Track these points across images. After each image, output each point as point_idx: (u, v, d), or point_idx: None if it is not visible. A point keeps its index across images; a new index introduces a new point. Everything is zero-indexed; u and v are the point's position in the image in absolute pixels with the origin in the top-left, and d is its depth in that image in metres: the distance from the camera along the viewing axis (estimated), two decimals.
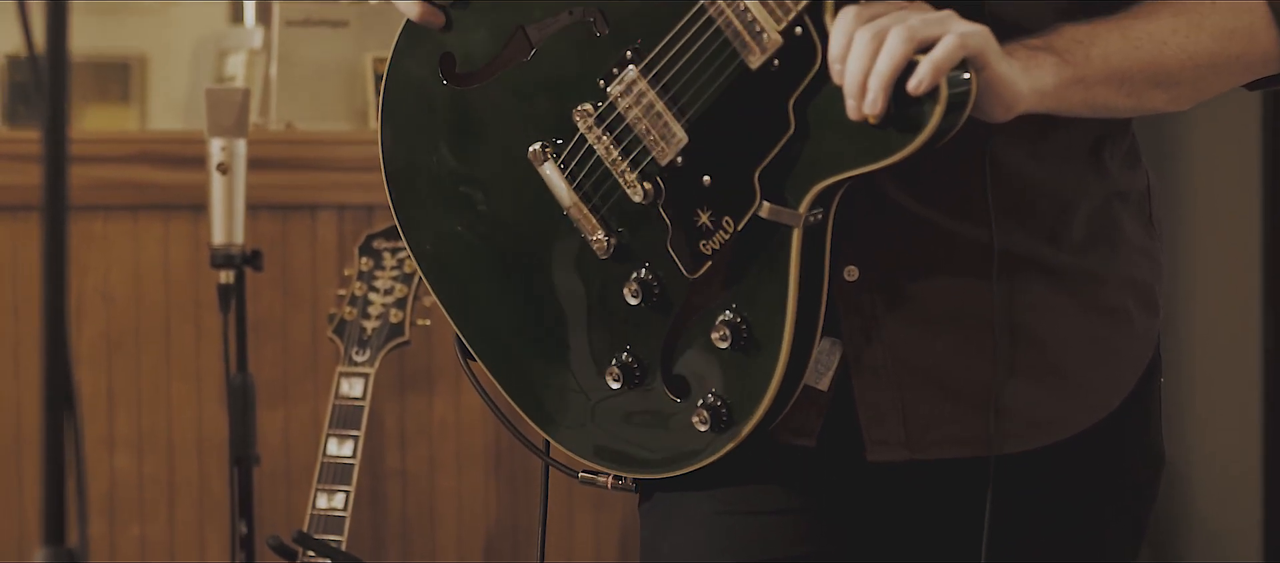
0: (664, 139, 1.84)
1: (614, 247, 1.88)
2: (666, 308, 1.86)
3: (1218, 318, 4.63)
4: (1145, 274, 1.97)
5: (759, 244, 1.79)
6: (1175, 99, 1.86)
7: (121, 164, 3.76)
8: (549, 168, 1.91)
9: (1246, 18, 1.84)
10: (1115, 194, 1.95)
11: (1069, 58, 1.77)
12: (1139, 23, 1.81)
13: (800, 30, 1.74)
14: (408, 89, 2.00)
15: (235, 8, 6.03)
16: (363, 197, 3.83)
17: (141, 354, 3.77)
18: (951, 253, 1.88)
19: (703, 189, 1.82)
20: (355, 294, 3.34)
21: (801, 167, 1.76)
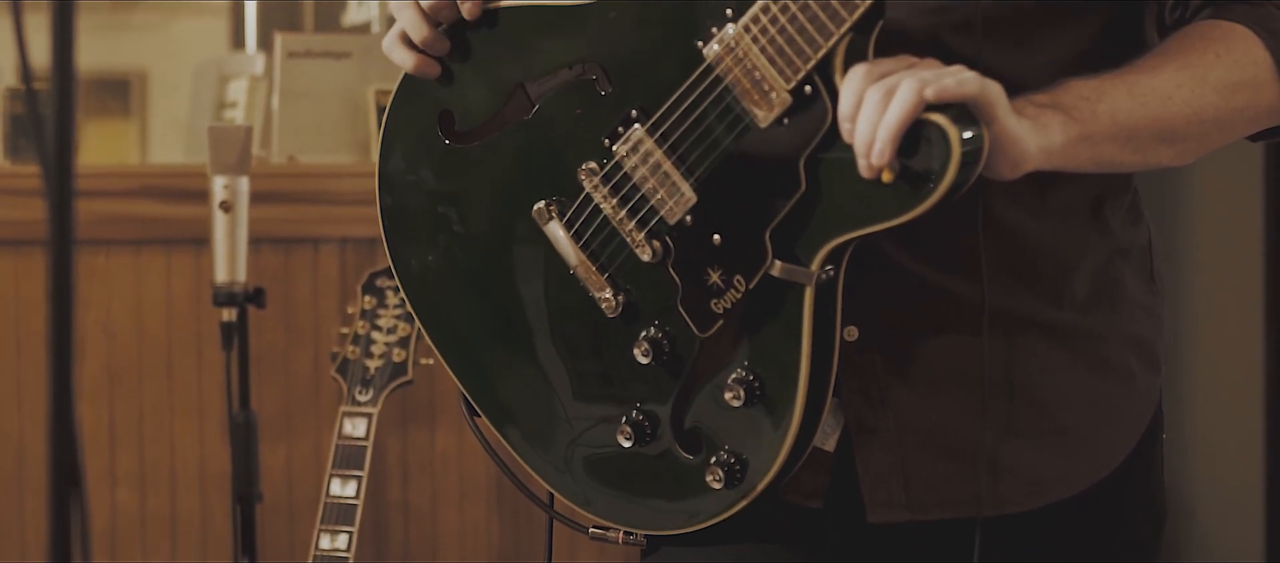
0: (672, 198, 1.83)
1: (623, 305, 1.87)
2: (678, 366, 1.85)
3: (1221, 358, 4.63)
4: (1147, 330, 1.97)
5: (771, 302, 1.79)
6: (1180, 154, 1.86)
7: (123, 198, 3.76)
8: (554, 226, 1.90)
9: (1251, 71, 1.83)
10: (1117, 251, 1.94)
11: (1076, 115, 1.76)
12: (1144, 78, 1.80)
13: (810, 89, 1.74)
14: (406, 145, 1.99)
15: (236, 32, 6.04)
16: (365, 230, 3.82)
17: (143, 388, 3.77)
18: (951, 312, 1.88)
19: (713, 248, 1.81)
20: (358, 333, 3.34)
21: (813, 225, 1.76)
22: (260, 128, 4.07)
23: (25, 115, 4.08)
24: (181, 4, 6.67)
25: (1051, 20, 1.86)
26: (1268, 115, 1.87)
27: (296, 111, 3.95)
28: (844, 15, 1.69)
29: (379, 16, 4.42)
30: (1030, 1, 1.84)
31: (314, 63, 3.96)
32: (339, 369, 3.32)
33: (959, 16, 1.83)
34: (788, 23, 1.73)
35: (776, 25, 1.73)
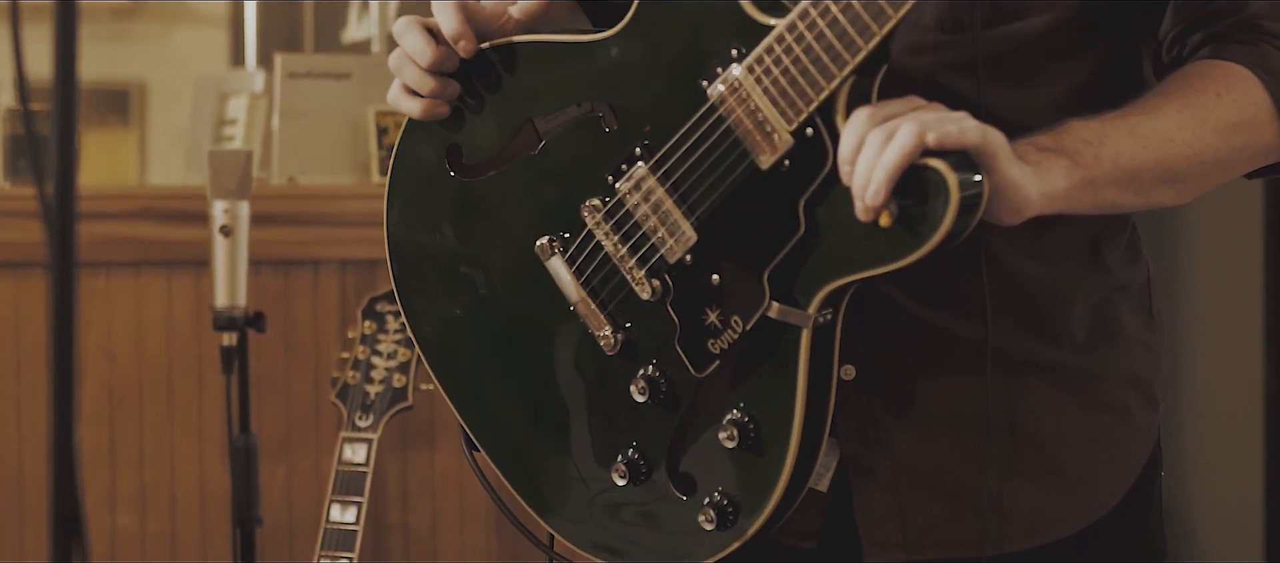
0: (673, 237, 1.83)
1: (621, 343, 1.87)
2: (674, 406, 1.85)
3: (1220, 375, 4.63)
4: (1145, 368, 1.97)
5: (768, 344, 1.79)
6: (1181, 194, 1.86)
7: (123, 220, 3.76)
8: (556, 262, 1.90)
9: (1250, 111, 1.83)
10: (1116, 289, 1.94)
11: (1079, 159, 1.76)
12: (1146, 120, 1.80)
13: (811, 131, 1.74)
14: (414, 177, 1.99)
15: (236, 44, 6.04)
16: (365, 251, 3.82)
17: (144, 410, 3.77)
18: (949, 353, 1.88)
19: (711, 288, 1.81)
20: (358, 358, 3.34)
21: (811, 267, 1.75)
22: (260, 148, 4.07)
23: (24, 136, 4.08)
24: (181, 15, 6.67)
25: (1050, 59, 1.86)
26: (1266, 154, 1.87)
27: (296, 132, 3.95)
28: (846, 58, 1.69)
29: (379, 36, 4.42)
30: (1029, 40, 1.85)
31: (314, 83, 3.96)
32: (339, 394, 3.32)
33: (957, 56, 1.83)
34: (791, 64, 1.73)
35: (780, 66, 1.73)
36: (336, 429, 3.38)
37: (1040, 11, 1.84)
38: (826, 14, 1.70)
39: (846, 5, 1.69)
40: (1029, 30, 1.84)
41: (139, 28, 6.70)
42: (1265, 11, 1.85)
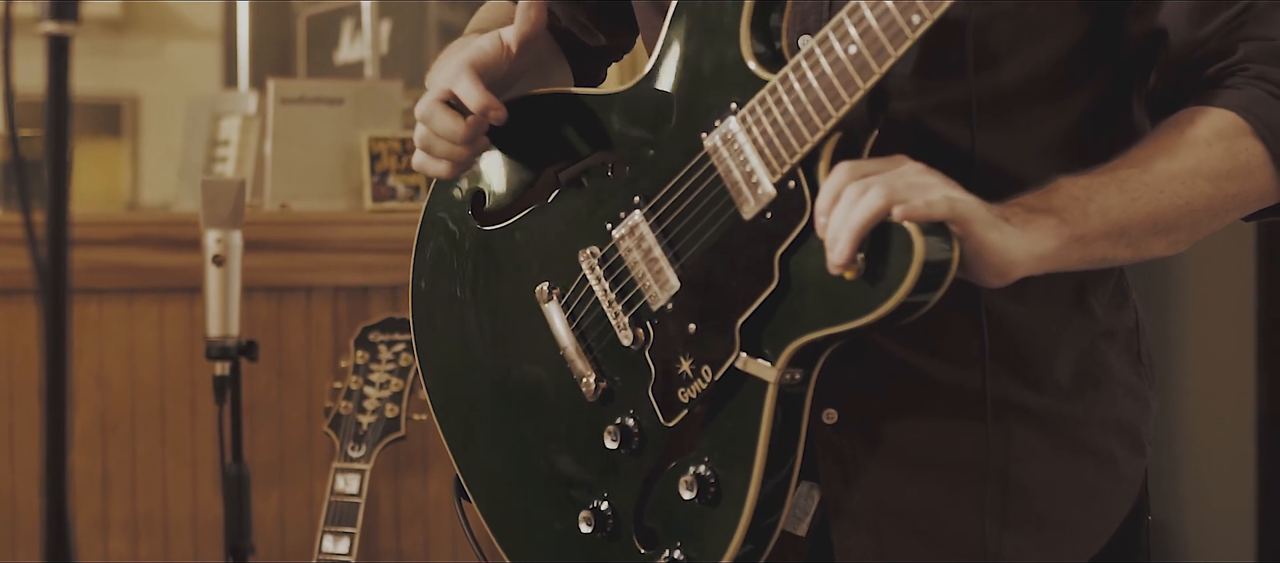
0: (658, 284, 1.84)
1: (602, 391, 1.88)
2: (644, 455, 1.86)
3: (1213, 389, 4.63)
4: (1131, 414, 1.96)
5: (734, 396, 1.79)
6: (1174, 243, 1.85)
7: (116, 247, 3.75)
8: (552, 307, 1.92)
9: (1243, 158, 1.82)
10: (1101, 334, 1.94)
11: (1068, 217, 1.75)
12: (1135, 173, 1.80)
13: (794, 184, 1.75)
14: (439, 225, 2.03)
15: (228, 59, 6.04)
16: (358, 277, 3.82)
17: (137, 437, 3.76)
18: (932, 397, 1.88)
19: (688, 336, 1.82)
20: (351, 388, 3.33)
21: (781, 321, 1.76)
22: (252, 172, 4.07)
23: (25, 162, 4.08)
24: (173, 29, 6.67)
25: (1039, 103, 1.86)
26: (1259, 199, 1.86)
27: (289, 157, 3.95)
28: (830, 110, 1.70)
29: (372, 59, 4.42)
30: (1015, 83, 1.85)
31: (307, 109, 3.96)
32: (331, 424, 3.32)
33: (939, 99, 1.83)
34: (780, 116, 1.74)
35: (769, 118, 1.75)
36: (329, 456, 3.38)
37: (1025, 54, 1.84)
38: (816, 67, 1.71)
39: (835, 59, 1.70)
40: (1014, 74, 1.84)
41: (131, 42, 6.71)
42: (1255, 54, 1.85)
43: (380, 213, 3.94)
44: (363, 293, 3.82)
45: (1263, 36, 1.84)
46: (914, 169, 1.70)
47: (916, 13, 1.66)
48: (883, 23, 1.68)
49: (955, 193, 1.69)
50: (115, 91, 6.76)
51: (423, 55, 4.76)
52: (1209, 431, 4.64)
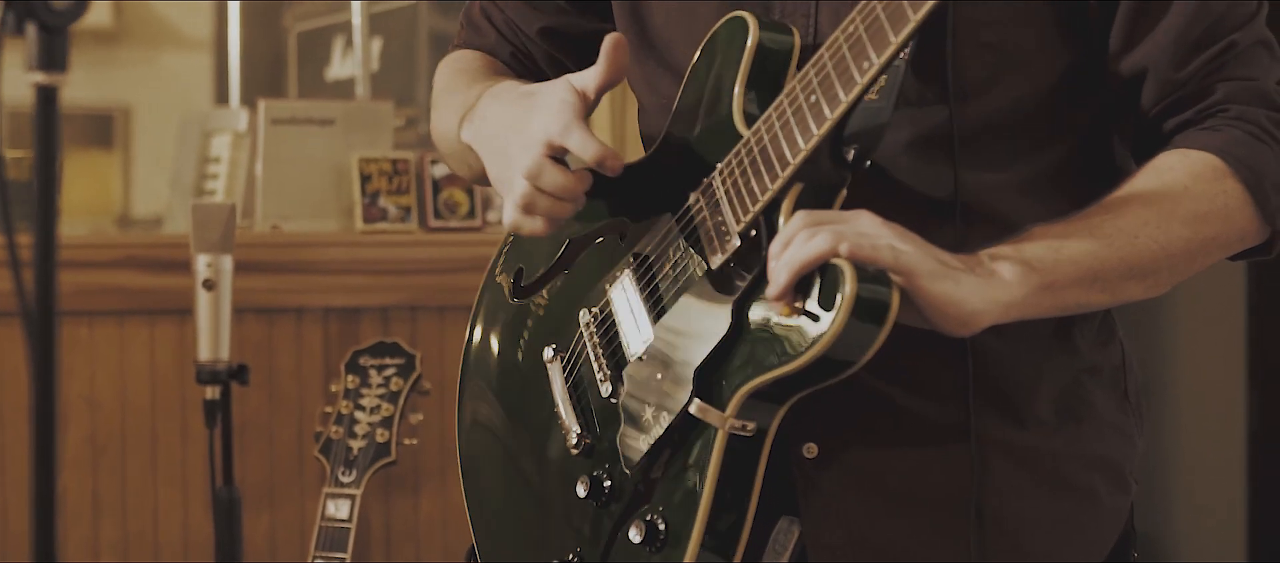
0: (637, 335, 1.86)
1: (585, 445, 1.90)
2: (612, 505, 1.87)
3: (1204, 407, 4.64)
4: (1115, 451, 1.95)
5: (688, 442, 1.80)
6: (1152, 287, 1.85)
7: (107, 269, 3.76)
8: (554, 368, 1.95)
9: (1220, 200, 1.82)
10: (1085, 370, 1.93)
11: (1037, 265, 1.75)
12: (1109, 219, 1.79)
13: (754, 232, 1.77)
14: (490, 297, 2.07)
15: (219, 79, 6.04)
16: (348, 299, 3.83)
17: (127, 459, 3.77)
18: (913, 432, 1.88)
19: (653, 384, 1.84)
20: (341, 412, 3.33)
21: (732, 367, 1.77)
22: (243, 193, 4.07)
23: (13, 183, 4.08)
24: (165, 39, 6.67)
25: (1022, 140, 1.86)
26: (1240, 240, 1.85)
27: (280, 178, 3.95)
28: (789, 157, 1.73)
29: (362, 77, 4.42)
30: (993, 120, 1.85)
31: (298, 129, 3.96)
32: (322, 449, 3.31)
33: (927, 134, 1.84)
34: (749, 166, 1.77)
35: (741, 168, 1.78)
36: (320, 477, 3.38)
37: (1006, 89, 1.85)
38: (782, 116, 1.74)
39: (796, 107, 1.72)
40: (996, 109, 1.85)
41: (123, 52, 6.70)
42: (1235, 94, 1.84)
43: (371, 234, 3.94)
44: (354, 314, 3.82)
45: (1243, 76, 1.84)
46: (870, 221, 1.71)
47: (866, 59, 1.67)
48: (837, 68, 1.70)
49: (904, 245, 1.69)
50: (107, 102, 6.75)
51: (414, 73, 4.76)
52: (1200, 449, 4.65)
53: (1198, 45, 1.83)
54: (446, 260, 3.87)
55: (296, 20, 5.26)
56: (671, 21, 1.97)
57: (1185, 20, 1.83)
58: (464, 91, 2.03)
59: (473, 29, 2.15)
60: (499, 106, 1.93)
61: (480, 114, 1.95)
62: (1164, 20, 1.84)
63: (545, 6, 2.11)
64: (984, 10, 1.82)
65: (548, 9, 2.10)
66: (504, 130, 1.89)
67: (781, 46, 1.83)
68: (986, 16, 1.82)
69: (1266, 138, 1.83)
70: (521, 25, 2.12)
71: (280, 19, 5.49)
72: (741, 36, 1.83)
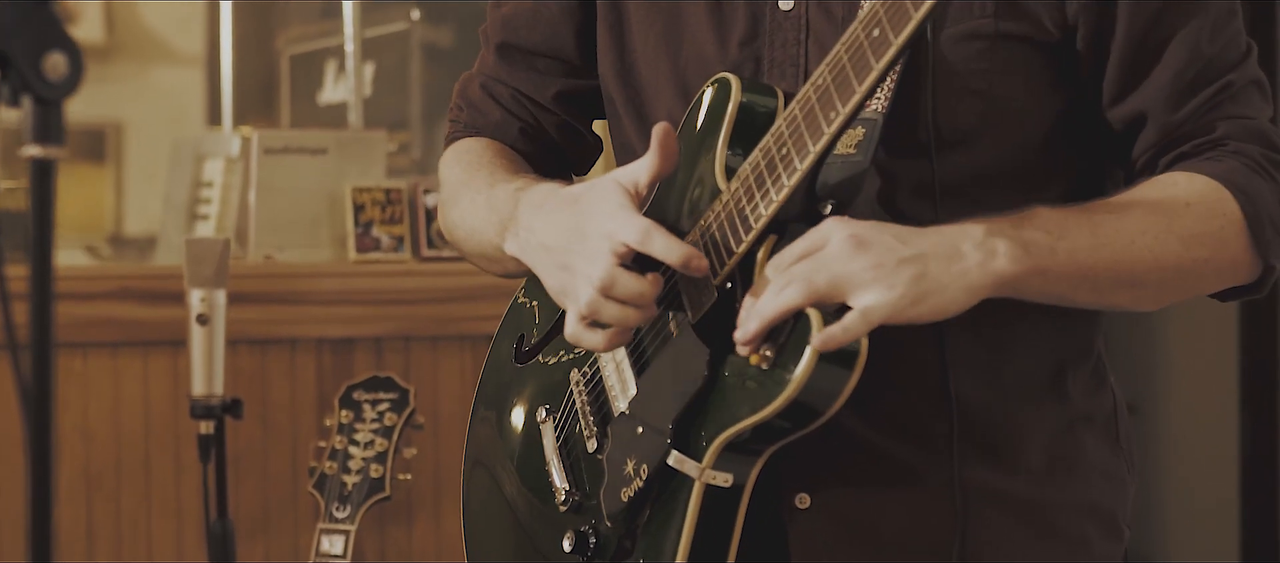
0: (622, 391, 1.88)
1: (573, 502, 1.91)
2: (597, 560, 1.88)
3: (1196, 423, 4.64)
4: (1107, 498, 1.95)
5: (666, 494, 1.81)
6: (1139, 299, 1.85)
7: (100, 301, 3.76)
8: (546, 428, 1.96)
9: (1217, 222, 1.82)
10: (1078, 418, 1.94)
11: (1034, 250, 1.76)
12: (1110, 219, 1.80)
13: (731, 285, 1.79)
14: (494, 362, 2.07)
15: (212, 105, 6.03)
16: (342, 330, 3.83)
17: (121, 491, 3.76)
18: (903, 481, 1.88)
19: (635, 438, 1.85)
20: (335, 447, 3.33)
21: (708, 418, 1.78)
22: (236, 218, 4.07)
23: None
24: (157, 55, 6.66)
25: (1011, 190, 1.86)
26: (1232, 269, 1.85)
27: (273, 207, 3.95)
28: (762, 210, 1.75)
29: (355, 104, 4.42)
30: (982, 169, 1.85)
31: (291, 159, 3.96)
32: (316, 485, 3.32)
33: (912, 181, 1.84)
34: (726, 221, 1.79)
35: (717, 222, 1.80)
36: (314, 509, 3.38)
37: (995, 138, 1.85)
38: (756, 169, 1.76)
39: (769, 159, 1.75)
40: (983, 157, 1.85)
41: (115, 67, 6.69)
42: (1232, 131, 1.85)
43: (364, 264, 3.94)
44: (347, 345, 3.82)
45: (1240, 115, 1.85)
46: (838, 253, 1.71)
47: (833, 109, 1.70)
48: (806, 120, 1.72)
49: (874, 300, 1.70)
50: (99, 118, 6.75)
51: (407, 98, 4.76)
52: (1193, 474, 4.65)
53: (1193, 88, 1.84)
54: (440, 290, 3.87)
55: (288, 43, 5.26)
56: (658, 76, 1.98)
57: (1180, 65, 1.84)
58: (486, 190, 1.99)
59: (474, 110, 2.10)
60: (546, 216, 1.88)
61: (525, 225, 1.90)
62: (1158, 67, 1.84)
63: (553, 70, 2.07)
64: (970, 59, 1.82)
65: (557, 72, 2.06)
66: (561, 241, 1.84)
67: (765, 107, 1.84)
68: (973, 65, 1.83)
69: (1263, 173, 1.84)
70: (533, 95, 2.07)
71: (273, 40, 5.49)
72: (726, 97, 1.85)
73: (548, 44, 2.05)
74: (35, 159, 1.50)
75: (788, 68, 1.88)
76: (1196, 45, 1.84)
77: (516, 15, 2.07)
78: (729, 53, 1.90)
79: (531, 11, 2.06)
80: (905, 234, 1.73)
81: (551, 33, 2.05)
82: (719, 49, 1.91)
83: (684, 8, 1.94)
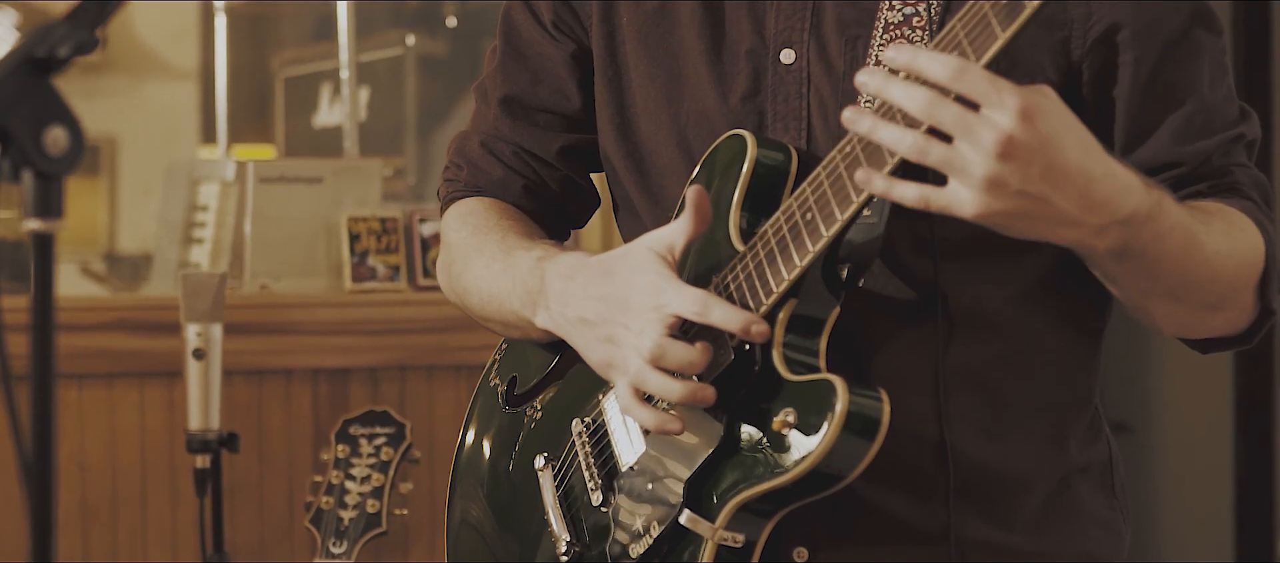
0: (630, 446, 1.87)
1: (574, 553, 1.91)
2: None
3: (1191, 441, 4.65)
4: (1104, 549, 1.96)
5: (677, 552, 1.81)
6: (1168, 314, 1.84)
7: (96, 332, 3.75)
8: (546, 477, 1.95)
9: (1254, 253, 1.83)
10: (1075, 470, 1.94)
11: (1132, 249, 1.73)
12: (1202, 234, 1.78)
13: (748, 346, 1.78)
14: (484, 400, 2.07)
15: (206, 121, 6.03)
16: (338, 360, 3.83)
17: (118, 523, 3.76)
18: (900, 535, 1.89)
19: (644, 494, 1.85)
20: (332, 482, 3.33)
21: (723, 479, 1.79)
22: (231, 243, 4.07)
23: None
24: (150, 68, 6.66)
25: (1012, 250, 1.87)
26: (1243, 306, 1.85)
27: (268, 237, 3.94)
28: (785, 273, 1.76)
29: (349, 131, 4.42)
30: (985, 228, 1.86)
31: (286, 188, 3.96)
32: (312, 520, 3.31)
33: (914, 237, 1.85)
34: (743, 282, 1.79)
35: (736, 284, 1.80)
36: (310, 541, 3.38)
37: None
38: (779, 234, 1.76)
39: (794, 225, 1.75)
40: None
41: (108, 81, 6.69)
42: (1245, 181, 1.87)
43: (360, 294, 3.94)
44: (343, 375, 3.82)
45: (1248, 166, 1.88)
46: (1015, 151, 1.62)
47: (854, 189, 1.70)
48: (834, 187, 1.72)
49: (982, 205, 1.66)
50: (93, 133, 6.74)
51: (402, 123, 4.76)
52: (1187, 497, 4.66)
53: (1203, 131, 1.85)
54: (436, 320, 3.87)
55: (283, 65, 5.26)
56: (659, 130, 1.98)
57: (1188, 111, 1.85)
58: (501, 257, 1.97)
59: (474, 168, 2.08)
60: (579, 288, 1.86)
61: (558, 297, 1.88)
62: (1166, 114, 1.85)
63: (556, 125, 2.05)
64: None
65: (559, 127, 2.05)
66: (603, 314, 1.83)
67: (778, 165, 1.84)
68: None
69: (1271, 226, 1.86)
70: (536, 151, 2.05)
71: (267, 60, 5.49)
72: (740, 155, 1.84)
73: (551, 99, 2.04)
74: (36, 233, 1.50)
75: (790, 122, 1.88)
76: (1200, 91, 1.85)
77: (518, 70, 2.06)
78: (731, 107, 1.90)
79: (533, 66, 2.05)
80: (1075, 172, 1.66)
81: (554, 87, 2.04)
82: (721, 103, 1.91)
83: (684, 62, 1.94)
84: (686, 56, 1.93)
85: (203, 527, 3.26)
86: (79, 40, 1.45)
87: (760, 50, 1.89)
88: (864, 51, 1.85)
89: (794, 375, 1.76)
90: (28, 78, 1.45)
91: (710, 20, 1.92)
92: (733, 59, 1.91)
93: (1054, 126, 1.62)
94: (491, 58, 2.09)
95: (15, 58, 1.45)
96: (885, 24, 1.84)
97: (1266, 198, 1.87)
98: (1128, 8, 1.83)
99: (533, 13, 2.04)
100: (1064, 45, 1.84)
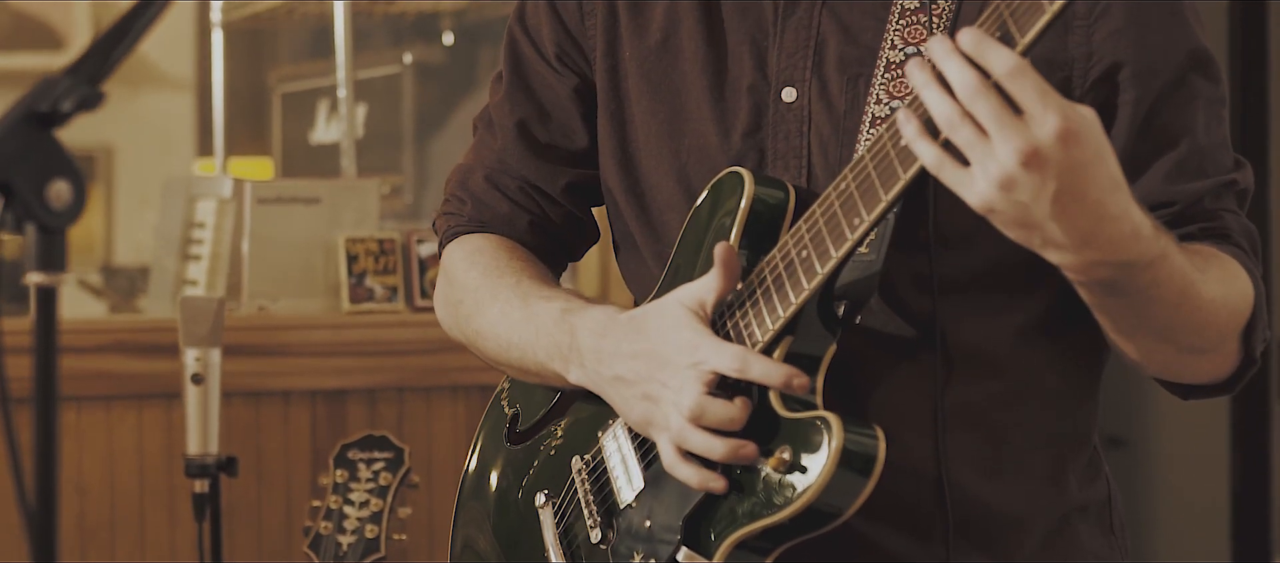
0: (627, 483, 1.88)
1: None
2: None
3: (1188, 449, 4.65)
4: None
5: None
6: (1154, 353, 1.83)
7: (95, 354, 3.75)
8: (546, 514, 1.95)
9: (1246, 299, 1.83)
10: (1074, 509, 1.94)
11: (1132, 280, 1.72)
12: (1198, 277, 1.77)
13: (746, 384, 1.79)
14: (489, 432, 2.07)
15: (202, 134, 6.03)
16: (336, 381, 3.83)
17: (116, 545, 3.76)
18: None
19: (643, 531, 1.85)
20: (330, 507, 3.32)
21: (720, 517, 1.79)
22: (228, 261, 4.07)
23: None
24: (147, 78, 6.65)
25: (1011, 288, 1.87)
26: (1217, 343, 1.84)
27: (266, 258, 3.94)
28: (780, 311, 1.77)
29: (346, 149, 4.42)
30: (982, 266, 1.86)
31: (284, 208, 3.96)
32: (311, 545, 3.30)
33: (912, 273, 1.85)
34: (740, 319, 1.80)
35: (732, 321, 1.81)
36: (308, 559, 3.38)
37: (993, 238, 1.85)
38: (774, 271, 1.78)
39: (790, 262, 1.76)
40: (981, 257, 1.85)
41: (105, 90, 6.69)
42: (1235, 227, 1.87)
43: (358, 315, 3.94)
44: (340, 397, 3.82)
45: (1239, 213, 1.88)
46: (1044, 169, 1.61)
47: (857, 216, 1.71)
48: (829, 225, 1.73)
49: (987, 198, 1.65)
50: (89, 143, 6.74)
51: (399, 141, 4.76)
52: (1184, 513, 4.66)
53: (1196, 173, 1.85)
54: (434, 341, 3.86)
55: (280, 81, 5.26)
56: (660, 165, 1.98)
57: (1181, 154, 1.85)
58: (519, 305, 1.97)
59: (478, 203, 2.07)
60: (613, 345, 1.85)
61: (593, 355, 1.87)
62: (1158, 162, 1.85)
63: (562, 160, 2.05)
64: None
65: (565, 162, 2.05)
66: (640, 372, 1.82)
67: (776, 203, 1.84)
68: None
69: (1259, 275, 1.85)
70: (544, 186, 2.05)
71: (264, 76, 5.49)
72: (738, 192, 1.84)
73: (558, 135, 2.04)
74: (39, 287, 1.50)
75: (790, 159, 1.88)
76: (1194, 134, 1.85)
77: (526, 102, 2.05)
78: (732, 144, 1.90)
79: (540, 100, 2.05)
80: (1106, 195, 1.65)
81: (562, 123, 2.04)
82: (722, 140, 1.91)
83: (686, 97, 1.94)
84: (688, 92, 1.94)
85: (202, 553, 3.25)
86: (82, 95, 1.45)
87: (762, 87, 1.90)
88: (865, 91, 1.85)
89: (790, 413, 1.76)
90: (31, 132, 1.45)
91: (713, 56, 1.93)
92: (734, 95, 1.91)
93: (1087, 156, 1.62)
94: (496, 87, 2.08)
95: (18, 112, 1.45)
96: (887, 63, 1.85)
97: (1255, 248, 1.87)
98: (1129, 50, 1.83)
99: (536, 45, 2.04)
100: (1065, 85, 1.84)
